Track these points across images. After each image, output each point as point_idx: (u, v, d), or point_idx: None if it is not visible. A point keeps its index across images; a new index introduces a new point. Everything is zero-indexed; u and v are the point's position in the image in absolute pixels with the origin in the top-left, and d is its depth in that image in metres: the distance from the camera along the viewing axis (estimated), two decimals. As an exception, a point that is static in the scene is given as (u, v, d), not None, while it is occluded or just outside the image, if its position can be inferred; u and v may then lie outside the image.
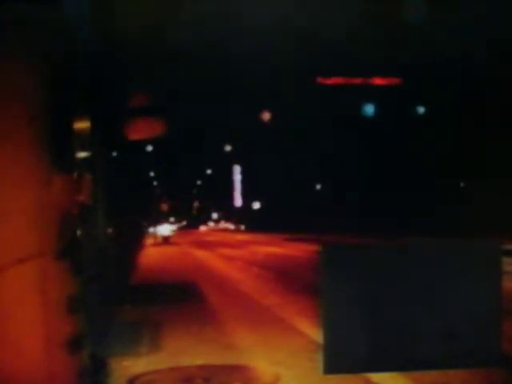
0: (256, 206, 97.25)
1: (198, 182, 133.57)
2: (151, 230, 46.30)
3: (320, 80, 35.04)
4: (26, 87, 3.89)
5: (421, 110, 42.82)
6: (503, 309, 3.35)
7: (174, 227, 62.46)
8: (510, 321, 3.43)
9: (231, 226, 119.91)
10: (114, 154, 11.65)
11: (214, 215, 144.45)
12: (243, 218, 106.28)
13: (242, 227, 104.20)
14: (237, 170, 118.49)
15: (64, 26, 3.99)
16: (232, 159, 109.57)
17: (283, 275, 18.58)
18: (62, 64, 3.99)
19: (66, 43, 4.04)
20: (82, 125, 5.20)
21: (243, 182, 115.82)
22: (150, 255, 30.00)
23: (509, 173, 29.58)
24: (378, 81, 35.64)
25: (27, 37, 3.87)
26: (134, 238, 23.16)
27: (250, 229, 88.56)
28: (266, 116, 41.00)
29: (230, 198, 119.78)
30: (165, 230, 49.35)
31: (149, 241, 42.30)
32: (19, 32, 3.86)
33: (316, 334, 3.25)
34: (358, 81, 35.40)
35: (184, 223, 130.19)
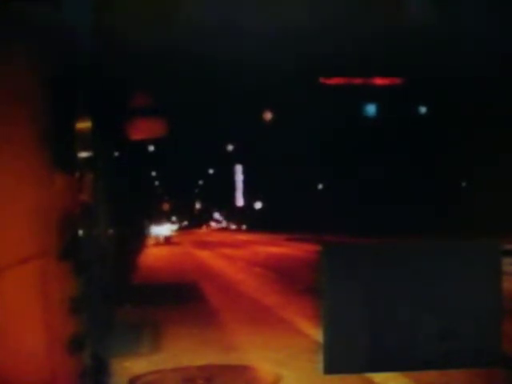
0: (258, 205, 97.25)
1: (200, 182, 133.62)
2: (153, 229, 46.33)
3: (322, 80, 35.02)
4: (27, 87, 3.88)
5: (422, 109, 42.82)
6: (503, 309, 3.36)
7: (175, 227, 62.52)
8: (510, 321, 3.43)
9: (233, 226, 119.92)
10: (116, 153, 11.66)
11: (216, 215, 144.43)
12: (245, 217, 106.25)
13: (244, 227, 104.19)
14: (239, 170, 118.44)
15: (64, 25, 3.99)
16: (234, 159, 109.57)
17: (285, 275, 18.58)
18: (62, 64, 3.99)
19: (66, 43, 4.04)
20: (84, 125, 5.20)
21: (245, 181, 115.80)
22: (152, 255, 30.01)
23: (509, 173, 29.58)
24: (380, 81, 35.61)
25: (27, 37, 3.86)
26: (136, 237, 23.17)
27: (252, 229, 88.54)
28: (268, 116, 41.00)
29: (232, 197, 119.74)
30: (166, 229, 49.38)
31: (150, 241, 42.34)
32: (19, 32, 3.86)
33: (318, 335, 3.26)
34: (359, 81, 35.38)
35: (186, 223, 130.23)
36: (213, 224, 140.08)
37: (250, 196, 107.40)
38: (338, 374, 3.34)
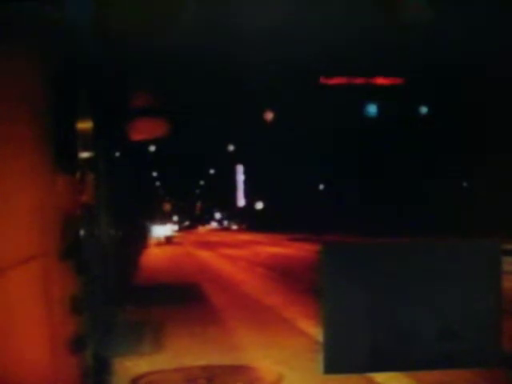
0: (259, 205, 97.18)
1: (201, 182, 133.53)
2: (154, 230, 46.37)
3: (322, 80, 35.00)
4: (28, 87, 3.89)
5: (424, 109, 42.77)
6: (503, 309, 3.36)
7: (176, 227, 62.54)
8: (510, 321, 3.44)
9: (234, 226, 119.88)
10: (117, 154, 11.68)
11: (217, 215, 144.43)
12: (246, 217, 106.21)
13: (245, 227, 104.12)
14: (240, 170, 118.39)
15: (65, 25, 4.00)
16: (235, 159, 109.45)
17: (286, 275, 18.58)
18: (63, 64, 4.00)
19: (67, 43, 4.05)
20: (85, 125, 5.21)
21: (246, 181, 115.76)
22: (153, 255, 30.03)
23: (510, 173, 29.56)
24: (381, 81, 35.60)
25: (28, 37, 3.87)
26: (137, 238, 23.18)
27: (253, 229, 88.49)
28: (269, 116, 40.97)
29: (233, 197, 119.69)
30: (168, 230, 49.42)
31: (152, 241, 42.36)
32: (20, 32, 3.87)
33: (320, 334, 3.25)
34: (360, 81, 35.36)
35: (187, 223, 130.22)
36: (214, 224, 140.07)
37: (251, 196, 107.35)
38: (337, 373, 3.34)
